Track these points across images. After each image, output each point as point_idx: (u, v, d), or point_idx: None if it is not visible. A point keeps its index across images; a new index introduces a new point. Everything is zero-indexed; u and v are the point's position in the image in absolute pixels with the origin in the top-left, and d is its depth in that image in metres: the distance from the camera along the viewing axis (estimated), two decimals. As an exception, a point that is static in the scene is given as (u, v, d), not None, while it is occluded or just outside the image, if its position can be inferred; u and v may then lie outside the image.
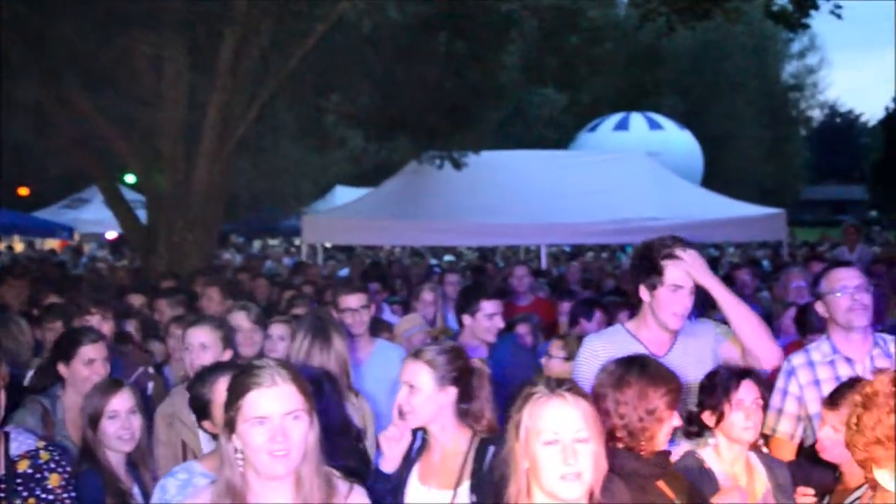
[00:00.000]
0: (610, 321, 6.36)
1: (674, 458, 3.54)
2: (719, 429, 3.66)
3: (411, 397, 3.53)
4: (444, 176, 14.45)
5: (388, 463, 3.54)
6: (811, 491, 3.47)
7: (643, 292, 4.18)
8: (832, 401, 3.62)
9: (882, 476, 2.20)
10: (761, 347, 3.98)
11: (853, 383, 3.46)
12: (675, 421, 3.31)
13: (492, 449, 3.46)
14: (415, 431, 3.62)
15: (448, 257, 21.27)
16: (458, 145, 14.35)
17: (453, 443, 3.56)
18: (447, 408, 3.56)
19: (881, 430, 2.16)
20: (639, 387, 3.26)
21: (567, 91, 24.35)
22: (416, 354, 3.62)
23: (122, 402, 4.05)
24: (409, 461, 3.58)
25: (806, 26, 12.14)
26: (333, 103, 15.12)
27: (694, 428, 3.76)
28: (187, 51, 11.72)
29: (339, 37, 12.63)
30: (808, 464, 3.90)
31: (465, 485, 3.47)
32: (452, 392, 3.58)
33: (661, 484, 3.28)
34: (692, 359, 4.12)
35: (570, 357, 5.19)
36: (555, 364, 5.42)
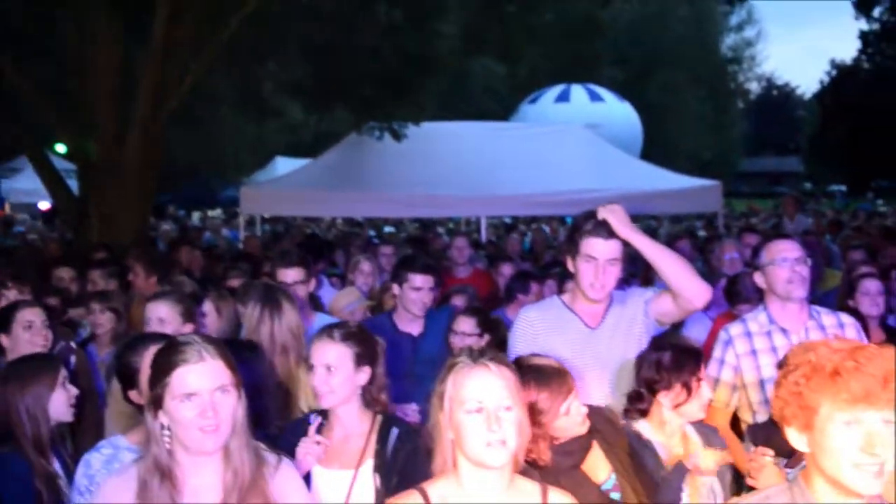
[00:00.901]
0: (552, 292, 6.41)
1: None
2: (662, 404, 3.68)
3: (330, 378, 3.51)
4: (384, 147, 14.34)
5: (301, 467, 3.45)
6: (770, 451, 3.50)
7: (569, 263, 4.21)
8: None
9: (792, 435, 2.30)
10: (689, 287, 4.00)
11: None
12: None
13: (395, 431, 3.49)
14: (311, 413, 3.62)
15: (388, 229, 21.21)
16: (398, 116, 14.25)
17: (357, 423, 3.55)
18: (358, 388, 3.56)
19: (786, 389, 2.26)
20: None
21: (507, 62, 24.28)
22: (330, 334, 3.59)
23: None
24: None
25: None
26: (271, 72, 14.92)
27: (643, 405, 3.74)
28: (120, 19, 11.48)
29: (276, 5, 12.44)
30: (774, 425, 3.95)
31: (368, 464, 3.46)
32: (367, 372, 3.57)
33: (583, 469, 3.29)
34: (623, 329, 4.16)
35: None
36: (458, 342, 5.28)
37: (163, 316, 4.59)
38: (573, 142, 15.59)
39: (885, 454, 2.15)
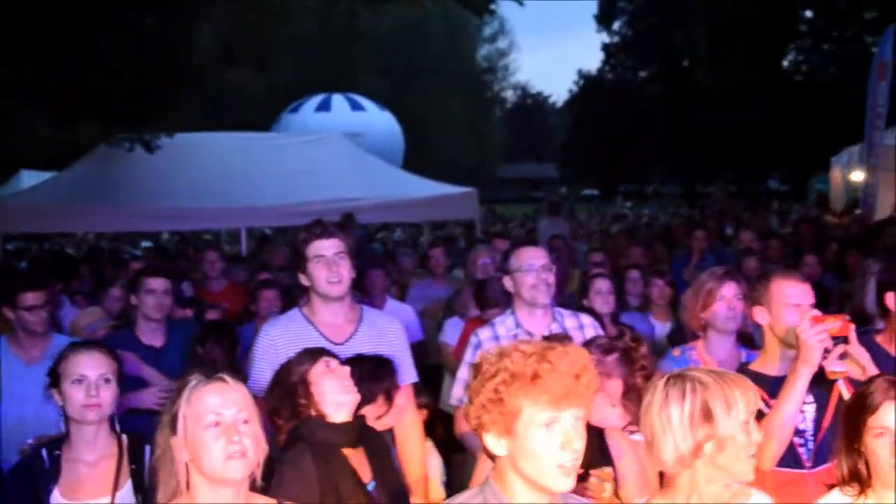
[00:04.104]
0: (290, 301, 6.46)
1: None
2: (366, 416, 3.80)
3: (106, 391, 3.44)
4: (138, 160, 13.85)
5: None
6: None
7: (302, 279, 4.26)
8: None
9: (490, 440, 2.33)
10: None
11: None
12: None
13: (148, 448, 3.41)
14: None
15: (145, 243, 20.46)
16: (149, 128, 13.79)
17: (106, 446, 3.47)
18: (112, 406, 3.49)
19: (484, 396, 2.29)
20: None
21: (265, 72, 24.05)
22: (99, 348, 3.59)
23: None
24: (44, 479, 3.38)
25: (492, 11, 12.79)
26: (9, 81, 14.05)
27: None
28: None
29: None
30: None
31: (127, 487, 3.37)
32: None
33: (349, 454, 3.35)
34: (374, 347, 4.19)
35: None
36: None
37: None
38: (333, 151, 15.64)
39: (580, 449, 2.28)
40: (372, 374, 3.78)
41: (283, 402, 3.37)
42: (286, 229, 19.30)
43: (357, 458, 3.38)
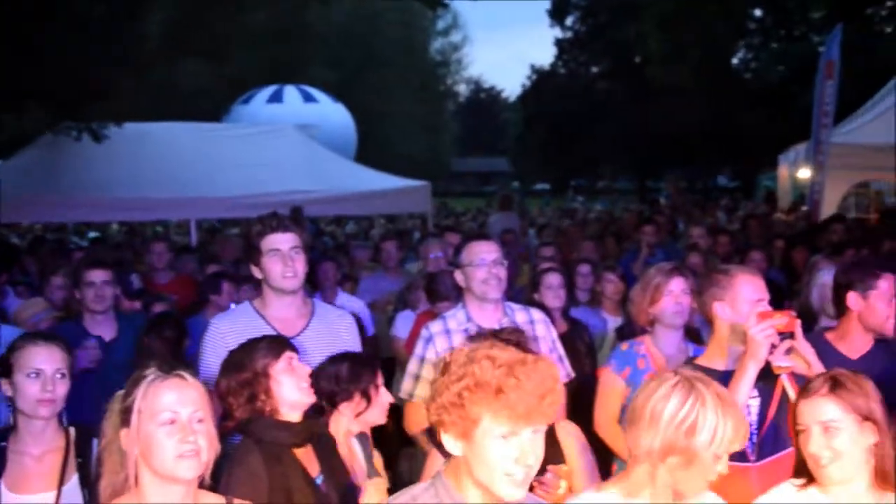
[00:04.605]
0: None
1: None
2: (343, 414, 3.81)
3: (62, 386, 3.39)
4: (85, 149, 13.62)
5: None
6: None
7: (255, 271, 4.23)
8: None
9: (448, 440, 2.33)
10: None
11: None
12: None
13: (95, 441, 3.36)
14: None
15: (92, 233, 20.16)
16: (97, 116, 13.57)
17: (53, 440, 3.41)
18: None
19: (447, 397, 2.29)
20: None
21: (216, 63, 23.76)
22: (56, 341, 3.51)
23: None
24: None
25: (445, 5, 12.80)
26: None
27: (324, 418, 3.82)
28: None
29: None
30: None
31: (73, 480, 3.33)
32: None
33: (298, 451, 3.34)
34: (325, 342, 4.20)
35: None
36: None
37: None
38: (285, 143, 15.52)
39: (534, 464, 2.28)
40: (350, 372, 3.76)
41: (241, 389, 3.35)
42: (237, 221, 19.19)
43: (306, 456, 3.37)
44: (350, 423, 3.75)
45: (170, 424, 2.55)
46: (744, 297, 3.71)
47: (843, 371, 3.04)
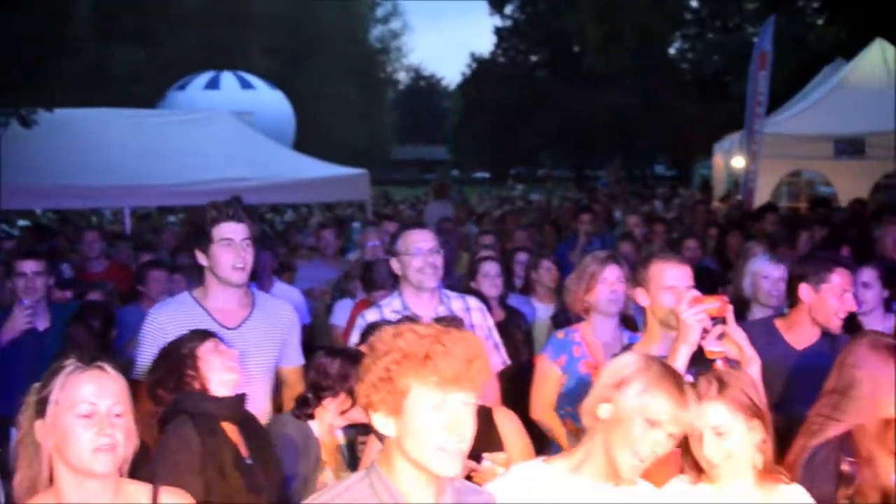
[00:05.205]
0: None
1: None
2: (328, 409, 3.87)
3: None
4: (14, 135, 13.28)
5: None
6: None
7: (201, 257, 4.16)
8: None
9: (378, 420, 2.32)
10: None
11: None
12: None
13: (14, 430, 3.30)
14: None
15: (22, 222, 19.72)
16: (25, 101, 13.22)
17: None
18: None
19: (375, 374, 2.28)
20: None
21: (149, 47, 23.32)
22: None
23: None
24: None
25: (384, -7, 12.67)
26: None
27: (309, 410, 3.88)
28: None
29: None
30: None
31: None
32: None
33: (226, 425, 3.36)
34: (266, 332, 4.20)
35: None
36: None
37: None
38: (221, 130, 15.27)
39: (465, 434, 2.27)
40: (340, 369, 3.80)
41: (170, 373, 3.39)
42: (173, 209, 18.89)
43: (234, 435, 3.39)
44: (333, 419, 3.79)
45: (87, 417, 2.50)
46: (658, 284, 3.76)
47: (725, 370, 3.16)
